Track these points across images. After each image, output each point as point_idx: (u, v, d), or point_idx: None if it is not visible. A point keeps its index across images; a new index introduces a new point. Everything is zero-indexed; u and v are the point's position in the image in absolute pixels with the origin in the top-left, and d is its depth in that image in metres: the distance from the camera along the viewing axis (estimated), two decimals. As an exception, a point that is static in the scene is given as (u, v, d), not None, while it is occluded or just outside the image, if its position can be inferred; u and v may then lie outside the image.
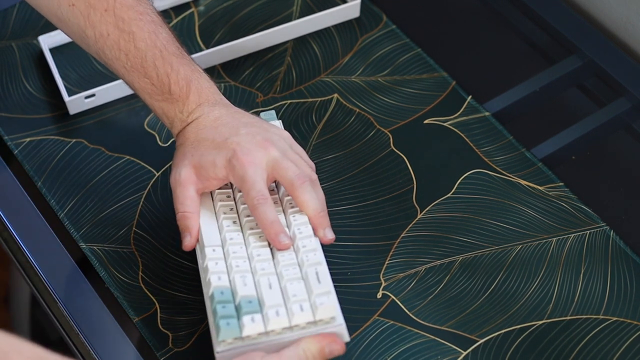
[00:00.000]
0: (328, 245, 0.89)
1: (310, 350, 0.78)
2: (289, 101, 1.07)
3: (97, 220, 0.98)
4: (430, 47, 1.11)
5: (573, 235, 0.96)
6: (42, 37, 1.09)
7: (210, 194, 0.90)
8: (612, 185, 1.02)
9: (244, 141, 0.86)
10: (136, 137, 1.04)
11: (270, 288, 0.81)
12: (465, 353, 0.89)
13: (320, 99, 1.07)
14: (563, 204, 0.98)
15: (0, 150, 1.03)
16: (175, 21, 1.13)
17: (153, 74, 0.90)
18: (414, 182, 1.00)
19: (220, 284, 0.82)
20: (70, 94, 1.05)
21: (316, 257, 0.83)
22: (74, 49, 1.10)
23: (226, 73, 1.09)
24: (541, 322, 0.91)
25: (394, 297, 0.92)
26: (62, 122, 1.05)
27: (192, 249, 0.87)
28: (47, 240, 0.97)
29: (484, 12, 1.17)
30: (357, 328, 0.90)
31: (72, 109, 1.05)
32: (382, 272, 0.94)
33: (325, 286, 0.81)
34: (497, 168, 1.01)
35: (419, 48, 1.11)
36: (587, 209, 0.98)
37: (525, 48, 1.14)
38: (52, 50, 1.10)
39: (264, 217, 0.84)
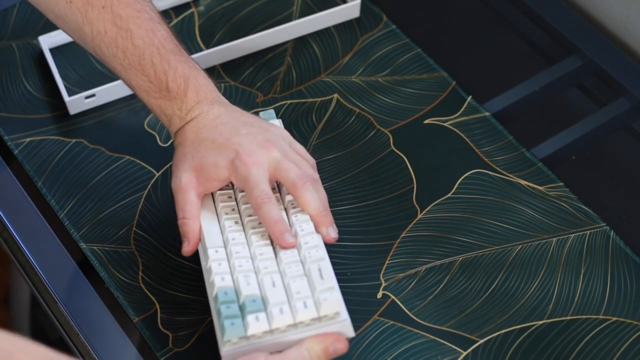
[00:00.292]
0: (328, 245, 0.89)
1: (314, 350, 0.78)
2: (289, 101, 1.07)
3: (97, 220, 0.98)
4: (430, 47, 1.11)
5: (573, 235, 0.96)
6: (42, 37, 1.09)
7: (212, 195, 0.90)
8: (612, 185, 1.02)
9: (246, 141, 0.86)
10: (136, 137, 1.04)
11: (274, 286, 0.81)
12: (465, 353, 0.89)
13: (320, 99, 1.07)
14: (563, 204, 0.98)
15: (0, 150, 1.03)
16: (175, 21, 1.13)
17: (150, 72, 0.89)
18: (414, 182, 1.00)
19: (224, 284, 0.82)
20: (70, 94, 1.05)
21: (318, 253, 0.83)
22: (74, 49, 1.10)
23: (226, 73, 1.09)
24: (541, 322, 0.91)
25: (394, 297, 0.92)
26: (62, 122, 1.05)
27: (191, 254, 0.87)
28: (47, 240, 0.97)
29: (484, 12, 1.17)
30: (357, 328, 0.90)
31: (72, 109, 1.05)
32: (382, 272, 0.94)
33: (329, 282, 0.81)
34: (497, 168, 1.01)
35: (419, 48, 1.11)
36: (587, 209, 0.98)
37: (525, 48, 1.14)
38: (52, 50, 1.10)
39: (267, 215, 0.84)
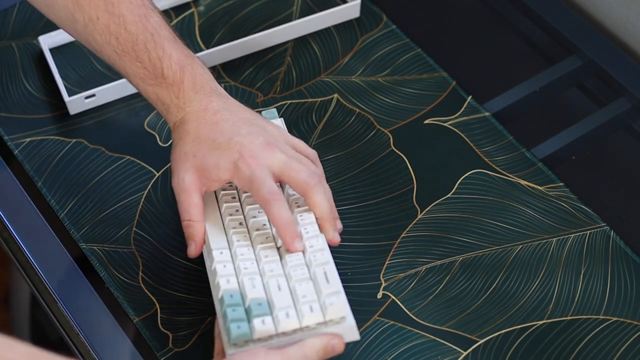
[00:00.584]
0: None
1: (314, 348, 0.78)
2: (289, 101, 1.07)
3: (97, 220, 0.98)
4: (430, 47, 1.11)
5: (573, 235, 0.96)
6: (42, 37, 1.09)
7: (215, 195, 0.89)
8: (612, 185, 1.02)
9: (248, 142, 0.85)
10: (136, 137, 1.04)
11: (280, 290, 0.81)
12: (465, 353, 0.89)
13: (320, 99, 1.07)
14: (563, 204, 0.98)
15: (0, 150, 1.03)
16: (175, 21, 1.13)
17: (145, 58, 0.88)
18: (414, 182, 1.00)
19: (229, 287, 0.81)
20: (70, 94, 1.05)
21: (324, 256, 0.83)
22: (74, 49, 1.10)
23: (226, 73, 1.09)
24: (541, 322, 0.91)
25: (394, 297, 0.92)
26: (62, 122, 1.05)
27: (196, 256, 0.86)
28: (47, 240, 0.97)
29: (484, 12, 1.17)
30: (357, 328, 0.90)
31: (72, 109, 1.05)
32: (383, 272, 0.94)
33: (334, 286, 0.81)
34: (497, 168, 1.01)
35: (419, 48, 1.11)
36: (587, 209, 0.98)
37: (525, 48, 1.14)
38: (52, 50, 1.10)
39: (278, 215, 0.82)
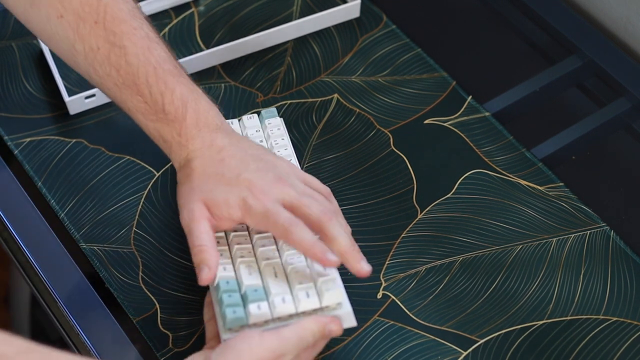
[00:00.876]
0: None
1: (311, 329, 0.77)
2: (289, 101, 1.07)
3: (97, 220, 0.98)
4: (430, 47, 1.11)
5: (573, 235, 0.96)
6: (42, 37, 1.10)
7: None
8: (612, 185, 1.02)
9: (257, 178, 0.81)
10: (136, 137, 1.04)
11: (276, 276, 0.82)
12: (465, 353, 0.89)
13: (320, 99, 1.07)
14: (563, 204, 0.98)
15: (0, 150, 1.03)
16: (175, 21, 1.13)
17: (145, 92, 0.85)
18: (414, 182, 1.00)
19: (226, 274, 0.82)
20: (70, 94, 1.05)
21: None
22: (74, 49, 1.10)
23: (226, 73, 1.09)
24: (541, 322, 0.91)
25: (394, 297, 0.92)
26: (62, 122, 1.05)
27: (209, 283, 0.82)
28: (47, 240, 0.97)
29: (484, 12, 1.17)
30: (357, 328, 0.90)
31: (72, 109, 1.05)
32: (383, 272, 0.94)
33: (331, 272, 0.82)
34: (497, 168, 1.01)
35: (419, 48, 1.11)
36: (587, 209, 0.98)
37: (525, 48, 1.14)
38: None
39: (300, 239, 0.79)
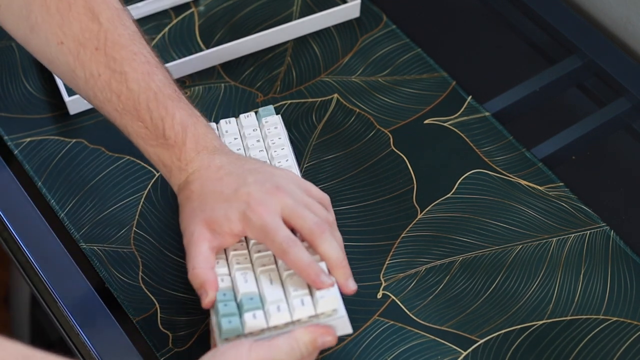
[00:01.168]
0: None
1: (303, 340, 0.77)
2: (289, 101, 1.07)
3: (97, 220, 0.98)
4: (430, 47, 1.11)
5: (573, 235, 0.96)
6: (42, 37, 1.10)
7: None
8: (612, 185, 1.02)
9: (254, 190, 0.82)
10: (136, 137, 1.04)
11: (271, 284, 0.81)
12: (465, 353, 0.89)
13: (320, 99, 1.07)
14: (563, 204, 0.98)
15: (0, 150, 1.03)
16: (175, 21, 1.13)
17: (146, 117, 0.85)
18: (414, 182, 1.00)
19: (222, 285, 0.82)
20: (70, 94, 1.05)
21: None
22: (74, 49, 1.10)
23: (226, 73, 1.09)
24: (541, 322, 0.91)
25: (394, 297, 0.92)
26: (62, 122, 1.05)
27: (211, 306, 0.81)
28: (47, 240, 0.97)
29: (484, 12, 1.17)
30: (357, 328, 0.90)
31: (72, 109, 1.05)
32: (382, 272, 0.94)
33: None
34: (497, 168, 1.01)
35: (419, 48, 1.11)
36: (587, 209, 0.98)
37: (525, 48, 1.14)
38: (52, 50, 1.10)
39: (297, 259, 0.80)
